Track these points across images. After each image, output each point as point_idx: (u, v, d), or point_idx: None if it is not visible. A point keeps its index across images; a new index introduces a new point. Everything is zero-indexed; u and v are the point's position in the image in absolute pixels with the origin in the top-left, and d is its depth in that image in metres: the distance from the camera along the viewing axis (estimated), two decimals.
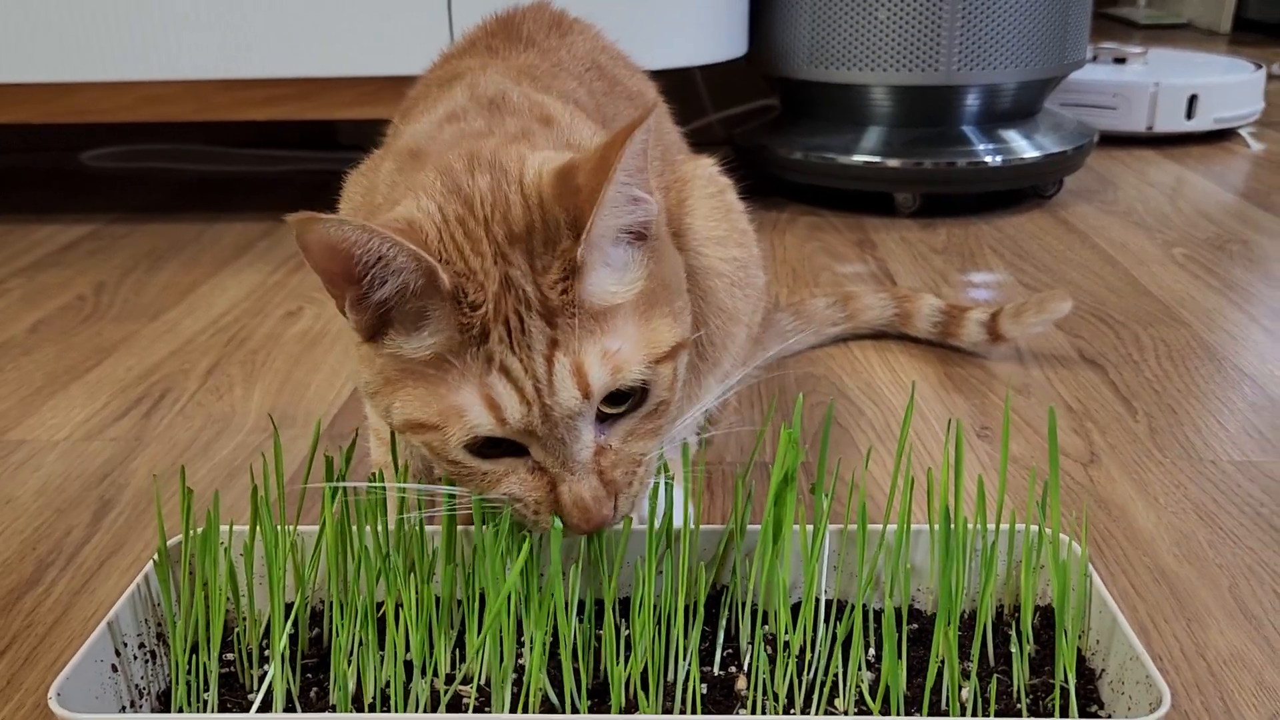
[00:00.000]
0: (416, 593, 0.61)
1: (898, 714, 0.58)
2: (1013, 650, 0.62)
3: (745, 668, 0.64)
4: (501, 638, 0.60)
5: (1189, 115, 2.19)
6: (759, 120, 2.00)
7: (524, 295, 0.55)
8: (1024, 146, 1.73)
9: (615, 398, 0.57)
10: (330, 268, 0.55)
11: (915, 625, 0.67)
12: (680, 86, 2.16)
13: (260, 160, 2.17)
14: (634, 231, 0.58)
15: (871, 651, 0.65)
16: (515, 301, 0.55)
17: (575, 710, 0.60)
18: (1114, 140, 2.18)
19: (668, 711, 0.60)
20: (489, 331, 0.55)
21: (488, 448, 0.57)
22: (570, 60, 0.86)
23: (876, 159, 1.71)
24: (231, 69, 1.56)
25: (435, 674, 0.62)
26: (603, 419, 0.58)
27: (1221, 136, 2.28)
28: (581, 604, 0.66)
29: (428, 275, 0.54)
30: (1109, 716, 0.60)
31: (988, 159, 1.70)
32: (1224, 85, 2.23)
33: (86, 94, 1.59)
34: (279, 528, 0.64)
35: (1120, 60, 2.31)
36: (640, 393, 0.58)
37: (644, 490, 0.60)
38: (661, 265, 0.61)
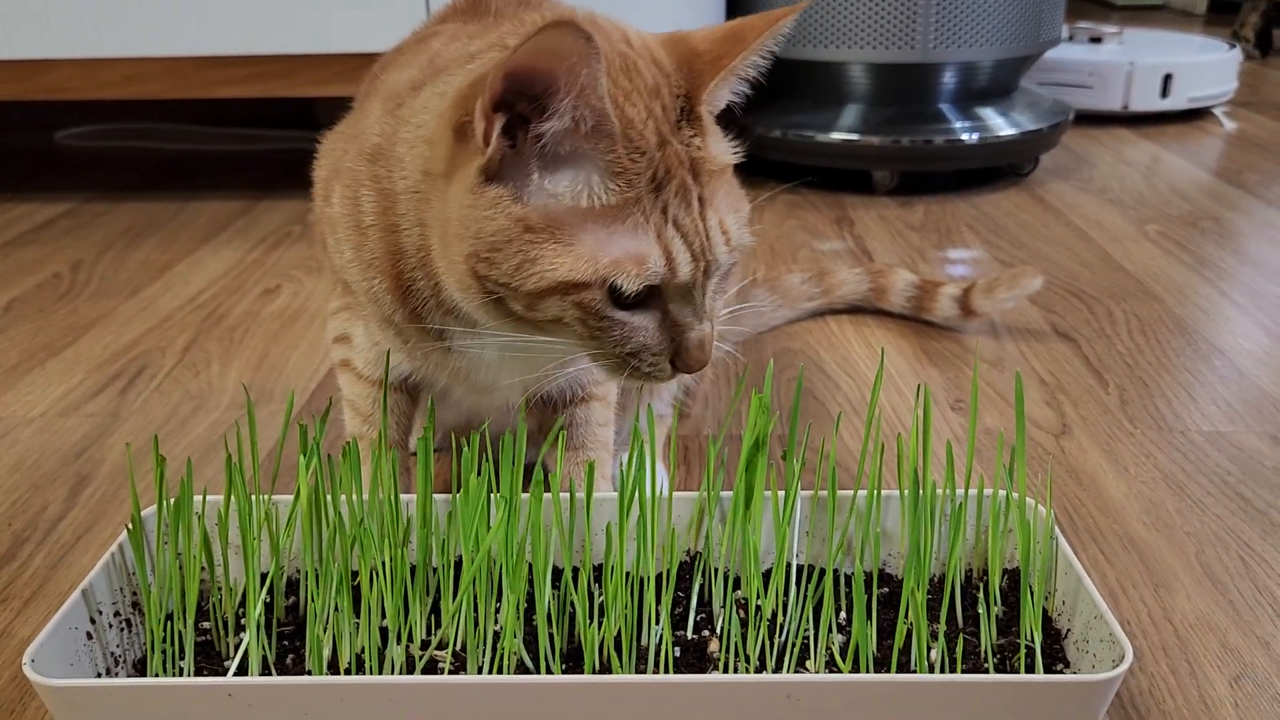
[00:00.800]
0: (391, 559, 0.62)
1: (867, 674, 0.59)
2: (980, 612, 0.63)
3: (718, 631, 0.65)
4: (476, 603, 0.61)
5: (1164, 94, 2.20)
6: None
7: (677, 149, 0.57)
8: (1001, 124, 1.74)
9: None
10: (532, 75, 0.53)
11: (885, 589, 0.68)
12: None
13: (238, 139, 2.16)
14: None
15: (842, 615, 0.66)
16: (672, 155, 0.57)
17: (550, 674, 0.60)
18: (1090, 119, 2.20)
19: (641, 674, 0.61)
20: (664, 184, 0.56)
21: (633, 298, 0.58)
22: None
23: (855, 137, 1.72)
24: (208, 46, 1.55)
25: (410, 640, 0.63)
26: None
27: (1196, 115, 2.29)
28: (557, 570, 0.67)
29: (599, 117, 0.54)
30: (1075, 674, 0.61)
31: (965, 137, 1.71)
32: (1198, 65, 2.24)
33: (60, 71, 1.58)
34: (254, 497, 0.64)
35: (1096, 39, 2.32)
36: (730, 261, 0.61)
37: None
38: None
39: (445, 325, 0.67)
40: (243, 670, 0.61)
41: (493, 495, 0.62)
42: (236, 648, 0.64)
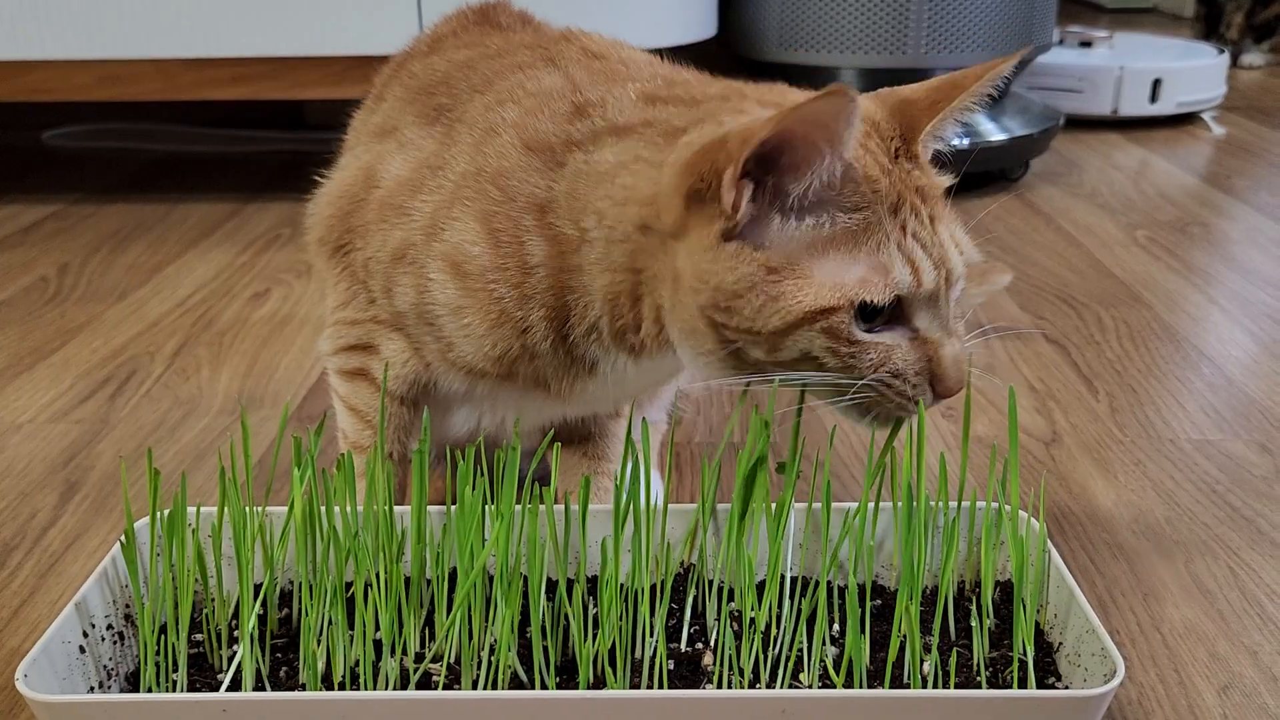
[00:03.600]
0: (386, 572, 0.62)
1: (860, 688, 0.59)
2: (973, 625, 0.63)
3: (712, 644, 0.65)
4: (471, 616, 0.61)
5: (1153, 99, 2.21)
6: None
7: (900, 176, 0.60)
8: (991, 130, 1.74)
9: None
10: (791, 142, 0.55)
11: (878, 601, 0.69)
12: None
13: (227, 140, 2.15)
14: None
15: (836, 627, 0.66)
16: (899, 180, 0.59)
17: (544, 688, 0.60)
18: (1079, 123, 2.21)
19: (635, 688, 0.61)
20: (899, 207, 0.59)
21: (869, 321, 0.59)
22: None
23: None
24: (197, 47, 1.55)
25: (404, 653, 0.63)
26: None
27: (1184, 120, 2.31)
28: (551, 583, 0.67)
29: (845, 168, 0.57)
30: (1066, 688, 0.61)
31: (955, 142, 1.71)
32: (1187, 70, 2.25)
33: (45, 72, 1.57)
34: (247, 509, 0.64)
35: (1086, 44, 2.33)
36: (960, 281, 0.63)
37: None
38: None
39: (604, 354, 0.68)
40: (236, 683, 0.61)
41: (487, 509, 0.62)
42: (230, 660, 0.63)
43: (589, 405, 0.77)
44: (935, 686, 0.60)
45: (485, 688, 0.60)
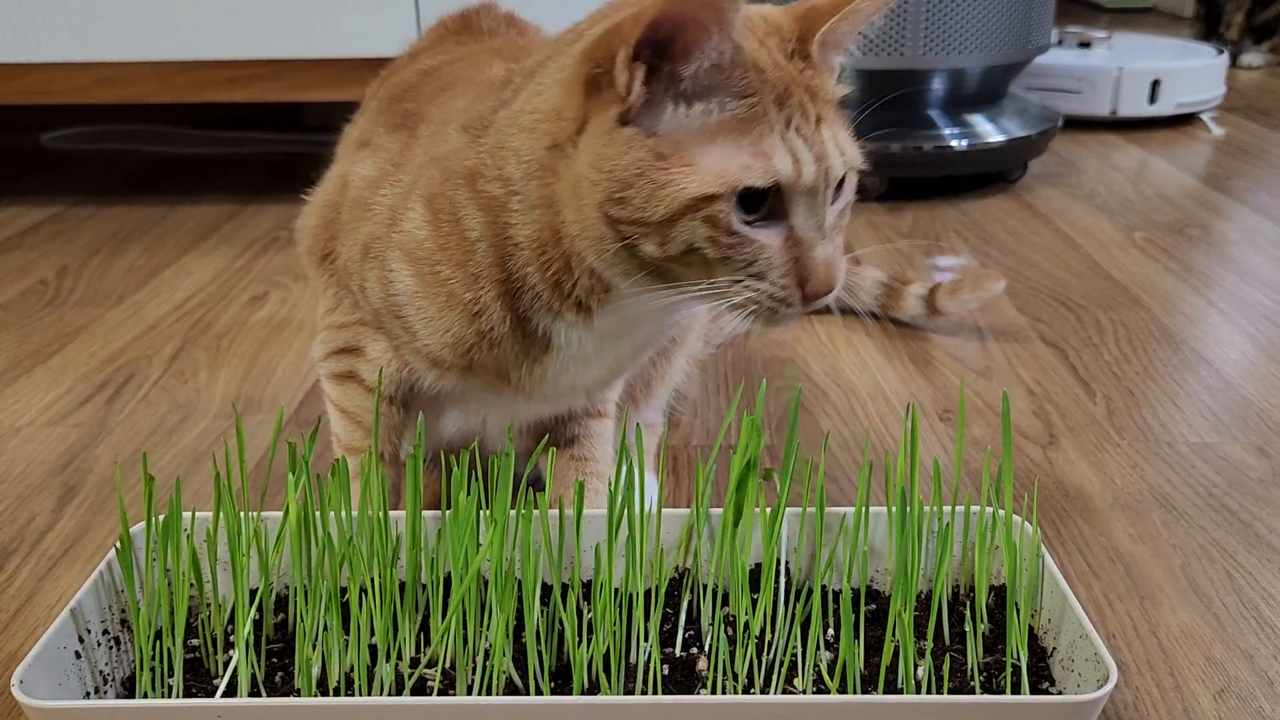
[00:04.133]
0: (380, 577, 0.62)
1: (855, 693, 0.60)
2: (967, 629, 0.63)
3: (706, 649, 0.65)
4: (465, 621, 0.61)
5: (1152, 100, 2.21)
6: None
7: (792, 74, 0.60)
8: (989, 131, 1.74)
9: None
10: (680, 22, 0.56)
11: (873, 605, 0.69)
12: None
13: (225, 142, 2.15)
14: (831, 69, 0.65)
15: (830, 632, 0.66)
16: (789, 79, 0.60)
17: (539, 692, 0.61)
18: (1078, 124, 2.21)
19: (629, 693, 0.61)
20: (785, 100, 0.59)
21: (752, 213, 0.59)
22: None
23: None
24: (194, 49, 1.55)
25: (399, 658, 0.63)
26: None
27: (1183, 121, 2.30)
28: (546, 587, 0.67)
29: (735, 52, 0.58)
30: (1060, 693, 0.61)
31: (953, 143, 1.72)
32: (1186, 70, 2.25)
33: (43, 74, 1.57)
34: (242, 514, 0.64)
35: (1085, 44, 2.33)
36: (842, 188, 0.63)
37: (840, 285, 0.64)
38: None
39: (553, 322, 0.68)
40: (232, 688, 0.61)
41: (482, 514, 0.62)
42: (225, 665, 0.63)
43: (558, 397, 0.76)
44: (929, 692, 0.60)
45: (480, 693, 0.60)
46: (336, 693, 0.61)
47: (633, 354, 0.76)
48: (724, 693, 0.61)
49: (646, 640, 0.63)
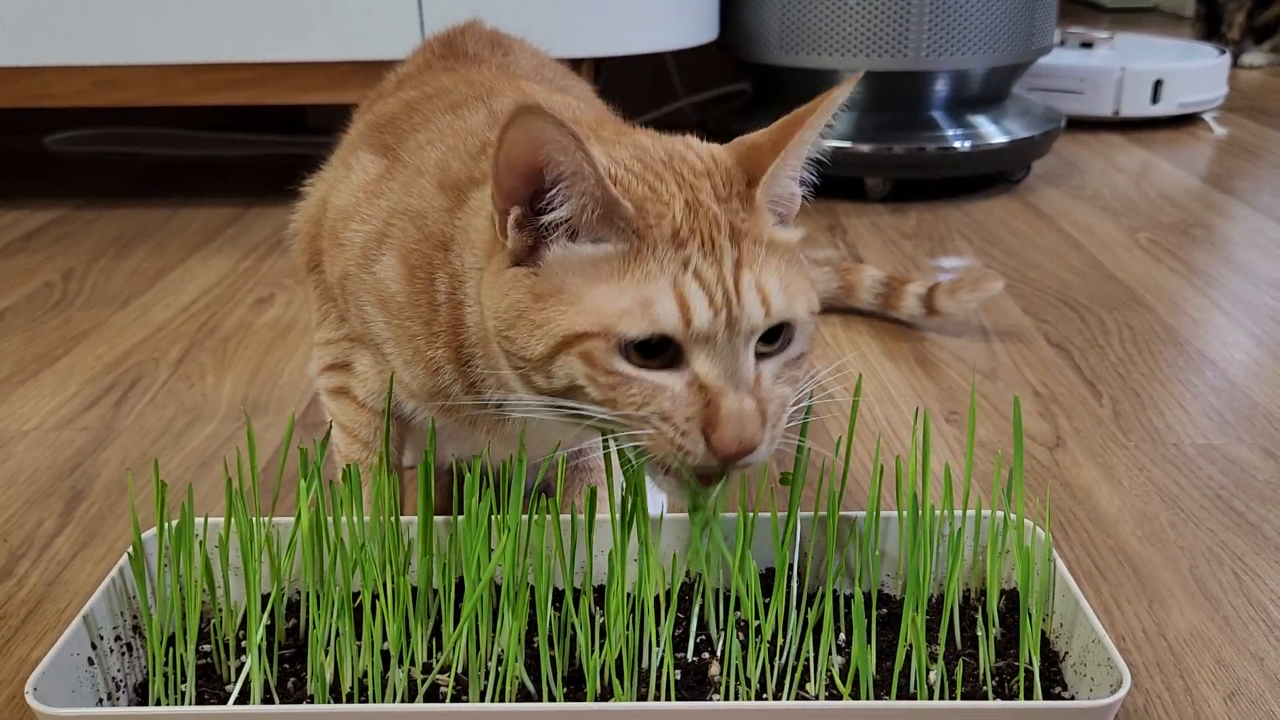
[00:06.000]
0: (393, 583, 0.62)
1: (867, 698, 0.60)
2: (979, 634, 0.63)
3: (718, 654, 0.65)
4: (478, 627, 0.61)
5: (1154, 100, 2.21)
6: (730, 105, 2.00)
7: (712, 215, 0.57)
8: (992, 132, 1.75)
9: (769, 336, 0.59)
10: (522, 168, 0.56)
11: (884, 610, 0.69)
12: (652, 71, 2.16)
13: (228, 144, 2.15)
14: (781, 214, 0.62)
15: (842, 636, 0.66)
16: (705, 219, 0.57)
17: (552, 699, 0.61)
18: (1080, 124, 2.21)
19: (642, 698, 0.61)
20: (686, 240, 0.56)
21: (646, 356, 0.57)
22: (521, 72, 0.87)
23: (847, 144, 1.72)
24: (195, 53, 1.55)
25: (412, 663, 0.63)
26: (756, 356, 0.59)
27: (1186, 121, 2.30)
28: (558, 593, 0.67)
29: (608, 201, 0.56)
30: (1072, 698, 0.61)
31: (957, 144, 1.72)
32: (1189, 70, 2.25)
33: (44, 77, 1.57)
34: (254, 520, 0.64)
35: (1087, 45, 2.33)
36: (788, 339, 0.60)
37: (777, 441, 0.60)
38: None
39: (504, 394, 0.67)
40: (244, 694, 0.61)
41: (494, 518, 0.62)
42: (238, 671, 0.64)
43: (534, 445, 0.74)
44: (941, 696, 0.61)
45: (493, 699, 0.60)
46: (349, 699, 0.61)
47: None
48: (737, 698, 0.61)
49: (659, 645, 0.63)
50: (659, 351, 0.56)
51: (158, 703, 0.61)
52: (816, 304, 0.62)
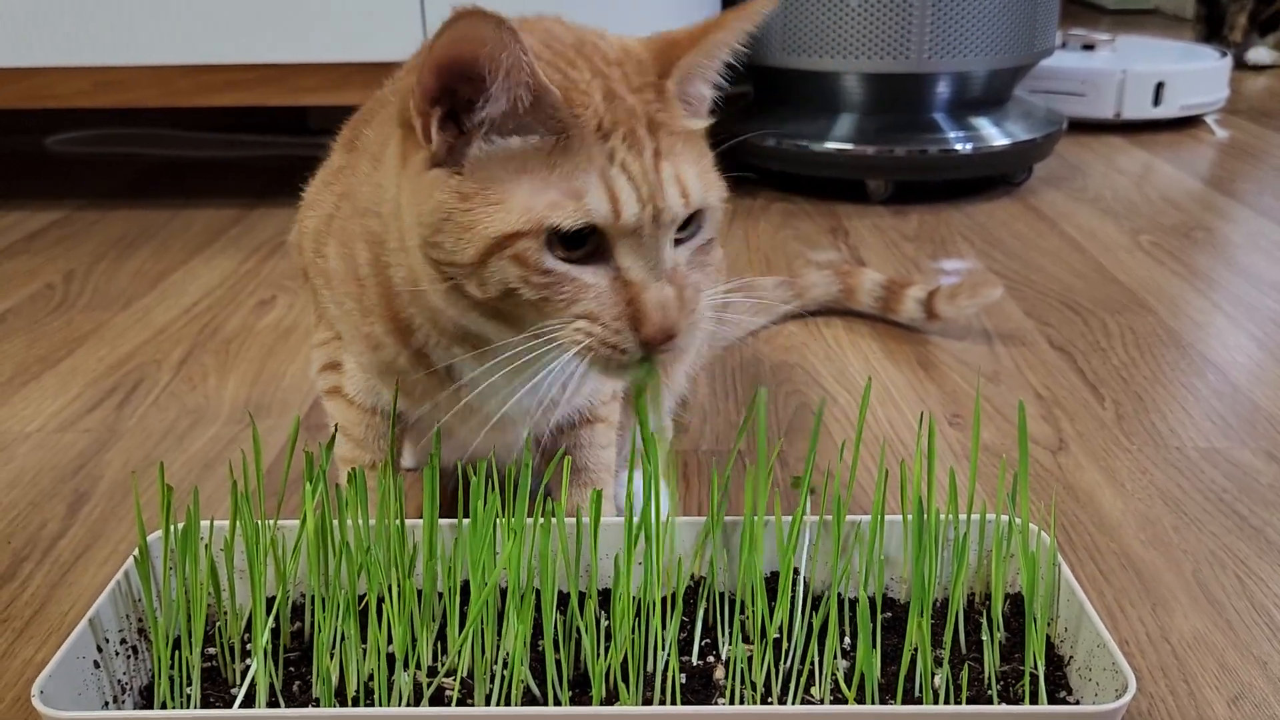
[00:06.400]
0: (398, 586, 0.62)
1: (872, 702, 0.60)
2: (984, 638, 0.63)
3: (723, 658, 0.65)
4: (483, 631, 0.61)
5: (1156, 102, 2.22)
6: (732, 107, 2.00)
7: (629, 105, 0.58)
8: (994, 134, 1.75)
9: (688, 219, 0.60)
10: (458, 68, 0.55)
11: (889, 614, 0.69)
12: None
13: (230, 145, 2.15)
14: (692, 109, 0.62)
15: (846, 640, 0.66)
16: (622, 110, 0.57)
17: (557, 702, 0.61)
18: (1082, 126, 2.21)
19: (648, 702, 0.61)
20: (610, 131, 0.56)
21: (570, 249, 0.57)
22: None
23: (849, 146, 1.73)
24: (194, 54, 1.55)
25: (418, 667, 0.63)
26: (676, 241, 0.60)
27: (1187, 123, 2.31)
28: (564, 596, 0.67)
29: (537, 92, 0.55)
30: (1077, 702, 0.61)
31: (958, 146, 1.72)
32: (1190, 72, 2.25)
33: (44, 78, 1.57)
34: (259, 522, 0.64)
35: (1089, 47, 2.33)
36: (699, 224, 0.61)
37: (702, 330, 0.62)
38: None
39: (450, 358, 0.67)
40: (250, 697, 0.61)
41: (498, 521, 0.62)
42: (243, 674, 0.64)
43: (502, 426, 0.73)
44: (947, 701, 0.61)
45: (499, 703, 0.60)
46: (355, 702, 0.61)
47: (557, 382, 0.70)
48: (742, 702, 0.61)
49: (664, 649, 0.63)
50: (582, 244, 0.57)
51: (163, 706, 0.61)
52: (724, 191, 0.62)
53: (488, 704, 0.61)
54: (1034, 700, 0.61)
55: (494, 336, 0.62)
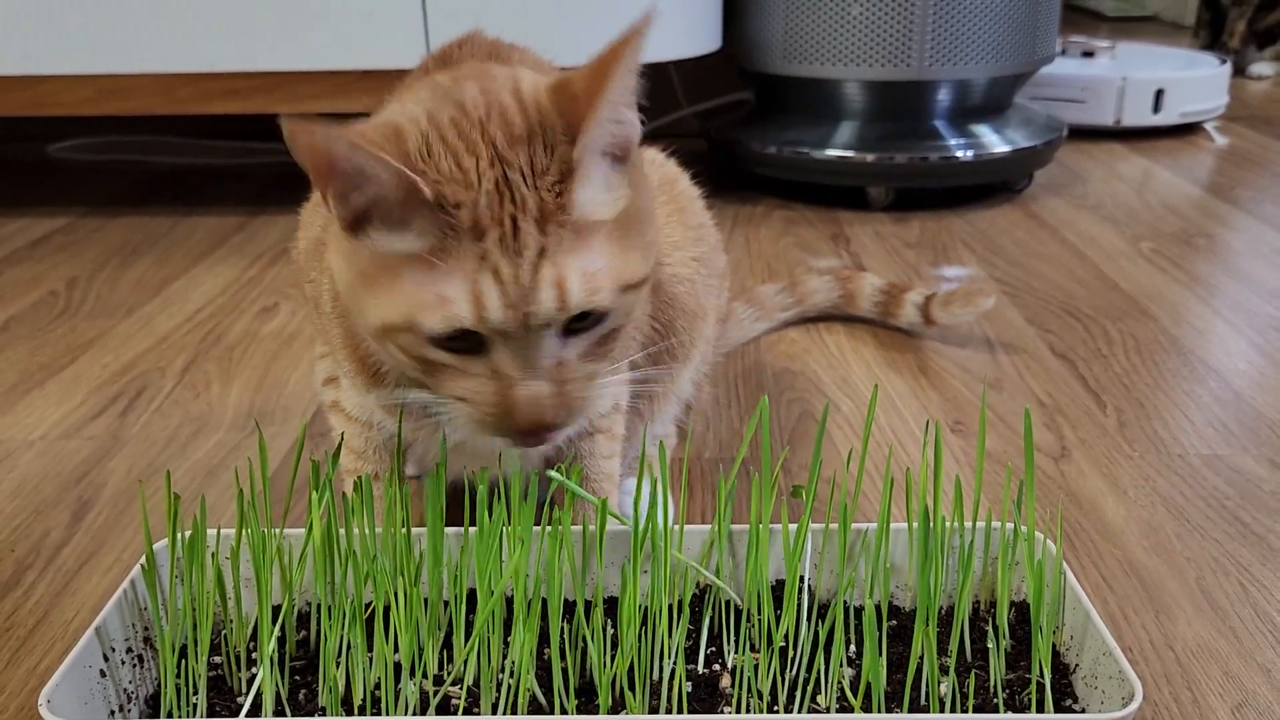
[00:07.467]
0: (405, 594, 0.62)
1: (879, 710, 0.60)
2: (989, 646, 0.64)
3: (729, 666, 0.65)
4: (490, 639, 0.61)
5: (1156, 109, 2.22)
6: (733, 114, 2.01)
7: (520, 198, 0.56)
8: (995, 141, 1.75)
9: (579, 315, 0.58)
10: (316, 168, 0.57)
11: (894, 622, 0.69)
12: (655, 81, 2.17)
13: (233, 153, 2.16)
14: (619, 149, 0.60)
15: (852, 648, 0.66)
16: (511, 204, 0.56)
17: (564, 711, 0.61)
18: (1082, 133, 2.21)
19: (654, 711, 0.61)
20: (485, 231, 0.56)
21: (453, 341, 0.58)
22: None
23: (850, 153, 1.73)
24: (197, 61, 1.55)
25: (424, 675, 0.63)
26: (564, 332, 0.59)
27: (1187, 130, 2.31)
28: (569, 604, 0.67)
29: (407, 189, 0.55)
30: (1083, 711, 0.61)
31: (959, 153, 1.72)
32: (1190, 80, 2.26)
33: (47, 86, 1.57)
34: (265, 530, 0.64)
35: (1089, 54, 2.34)
36: (598, 318, 0.59)
37: (589, 412, 0.62)
38: (638, 195, 0.62)
39: (418, 399, 0.67)
40: (256, 706, 0.61)
41: (505, 529, 0.63)
42: (249, 683, 0.64)
43: (488, 454, 0.75)
44: (953, 709, 0.61)
45: (505, 712, 0.60)
46: (361, 711, 0.61)
47: None
48: (749, 711, 0.61)
49: (670, 658, 0.63)
50: (465, 338, 0.58)
51: (169, 715, 0.61)
52: (643, 270, 0.60)
53: (494, 713, 0.61)
54: (1040, 709, 0.61)
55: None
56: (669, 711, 0.61)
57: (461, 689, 0.62)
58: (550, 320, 0.57)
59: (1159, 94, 2.21)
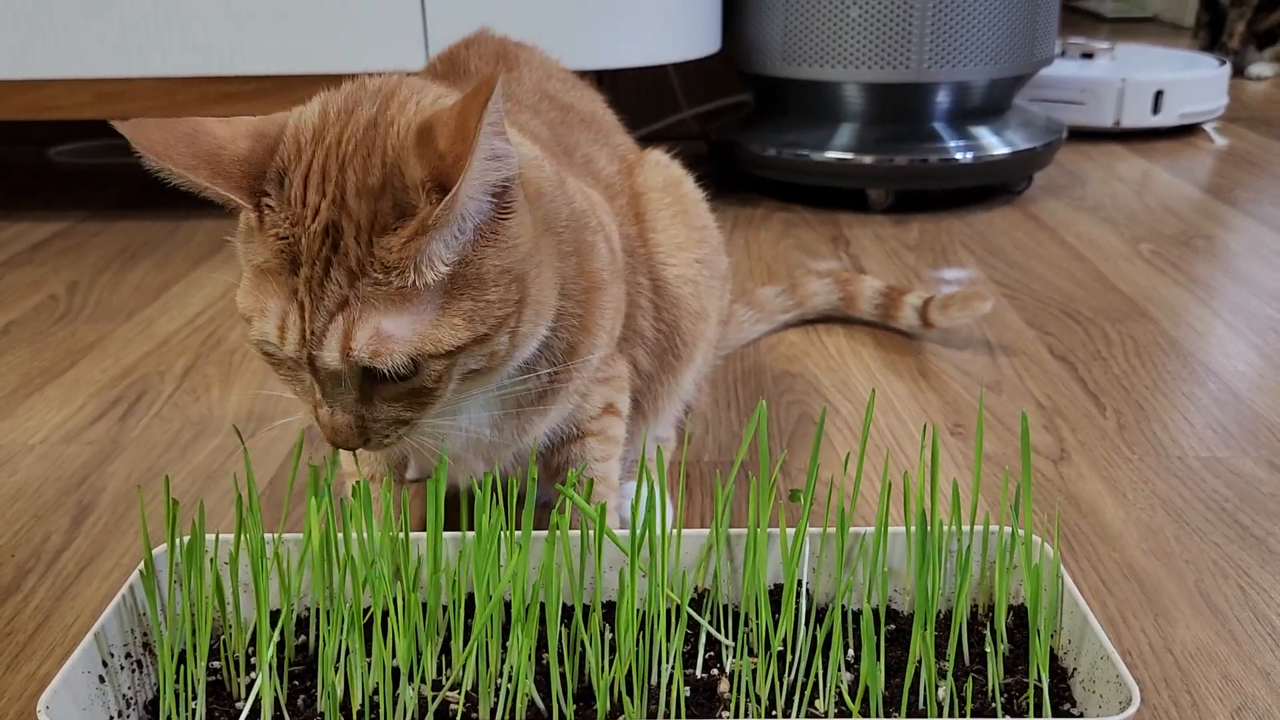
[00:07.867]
0: (403, 599, 0.62)
1: (876, 715, 0.60)
2: (987, 650, 0.64)
3: (727, 671, 0.65)
4: (488, 644, 0.61)
5: (1155, 110, 2.22)
6: (733, 116, 2.01)
7: (344, 248, 0.57)
8: (994, 143, 1.75)
9: (373, 369, 0.60)
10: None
11: (892, 626, 0.69)
12: (655, 83, 2.17)
13: None
14: (497, 187, 0.59)
15: (850, 652, 0.66)
16: (331, 250, 0.58)
17: (562, 716, 0.61)
18: (1082, 135, 2.21)
19: (652, 715, 0.61)
20: (300, 266, 0.58)
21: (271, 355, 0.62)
22: (522, 93, 0.86)
23: (849, 155, 1.73)
24: (195, 65, 1.55)
25: (423, 680, 0.63)
26: (372, 378, 0.60)
27: (1187, 131, 2.31)
28: (568, 609, 0.67)
29: (248, 215, 0.60)
30: (1081, 715, 0.61)
31: (959, 155, 1.72)
32: (1189, 81, 2.26)
33: (46, 90, 1.58)
34: (264, 536, 0.64)
35: (1088, 56, 2.34)
36: (408, 373, 0.60)
37: (411, 434, 0.64)
38: (502, 255, 0.60)
39: None
40: (255, 711, 0.61)
41: (503, 534, 0.63)
42: (248, 688, 0.64)
43: (480, 454, 0.75)
44: (951, 713, 0.61)
45: (503, 716, 0.60)
46: (360, 716, 0.61)
47: (512, 404, 0.71)
48: (747, 715, 0.61)
49: (669, 662, 0.63)
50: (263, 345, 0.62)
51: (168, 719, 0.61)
52: (461, 337, 0.59)
53: (492, 718, 0.61)
54: (1038, 713, 0.61)
55: None
56: (667, 716, 0.61)
57: (460, 694, 0.62)
58: (331, 370, 0.59)
59: (1158, 95, 2.21)
